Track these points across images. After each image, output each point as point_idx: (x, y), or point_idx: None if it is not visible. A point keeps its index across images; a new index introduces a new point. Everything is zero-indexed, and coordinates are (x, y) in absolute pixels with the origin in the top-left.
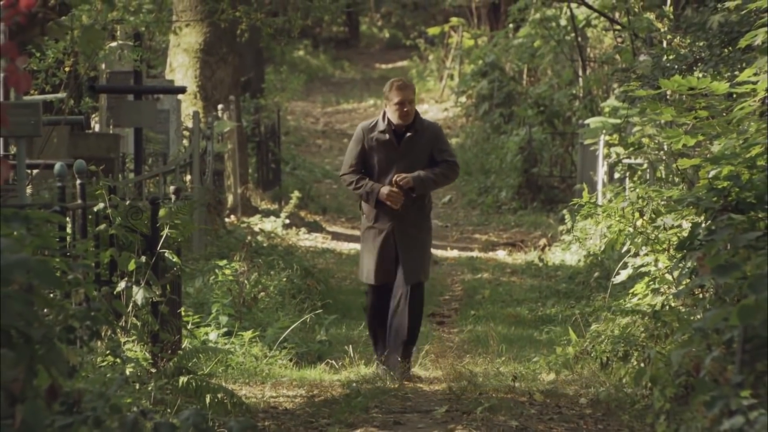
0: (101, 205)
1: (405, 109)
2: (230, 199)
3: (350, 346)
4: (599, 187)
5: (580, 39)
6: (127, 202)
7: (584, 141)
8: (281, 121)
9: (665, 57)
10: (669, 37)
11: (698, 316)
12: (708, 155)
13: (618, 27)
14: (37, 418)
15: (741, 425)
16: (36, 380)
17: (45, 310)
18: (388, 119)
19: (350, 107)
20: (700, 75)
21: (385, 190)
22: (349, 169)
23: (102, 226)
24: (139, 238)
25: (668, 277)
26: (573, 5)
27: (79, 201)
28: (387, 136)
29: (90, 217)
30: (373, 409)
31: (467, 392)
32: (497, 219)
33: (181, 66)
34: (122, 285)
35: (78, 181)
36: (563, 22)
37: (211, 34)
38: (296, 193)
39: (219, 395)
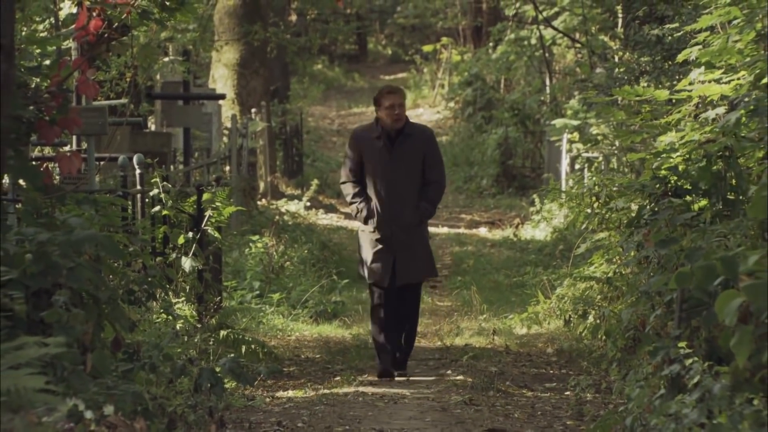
0: (156, 190)
1: (396, 112)
2: (261, 185)
3: (360, 306)
4: (563, 176)
5: (547, 55)
6: (177, 188)
7: (551, 138)
8: (303, 122)
9: (617, 70)
10: (620, 53)
11: (644, 282)
12: (652, 150)
13: (578, 45)
14: (104, 364)
15: (678, 370)
16: (103, 333)
17: (110, 276)
18: (381, 125)
19: (360, 111)
20: (646, 84)
21: (371, 220)
22: (349, 178)
23: (157, 208)
24: (187, 218)
25: (619, 249)
26: (541, 27)
27: (139, 187)
28: (381, 141)
29: (147, 200)
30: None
31: (455, 344)
32: (479, 202)
33: (221, 77)
34: (173, 256)
35: (137, 171)
36: (533, 41)
37: (246, 51)
38: (315, 181)
39: (252, 346)
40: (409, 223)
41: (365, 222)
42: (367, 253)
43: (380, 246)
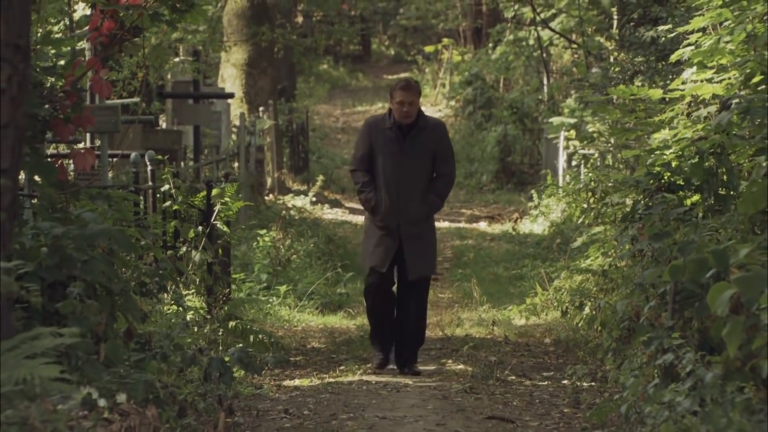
0: (167, 186)
1: (404, 109)
2: (269, 181)
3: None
4: (560, 172)
5: (545, 55)
6: (188, 184)
7: (548, 135)
8: (309, 120)
9: (612, 70)
10: (615, 54)
11: (638, 274)
12: (646, 147)
13: (575, 45)
14: (116, 353)
15: (672, 360)
16: (116, 324)
17: (123, 269)
18: (393, 117)
19: (363, 109)
20: (640, 84)
21: (377, 215)
22: (358, 165)
23: (168, 203)
24: (197, 212)
25: (614, 243)
26: (539, 28)
27: (150, 183)
28: (393, 132)
29: (158, 195)
30: None
31: (456, 334)
32: (479, 197)
33: (230, 77)
34: (184, 249)
35: (149, 168)
36: (531, 41)
37: (254, 51)
38: (321, 177)
39: (260, 336)
40: (416, 215)
41: (373, 212)
42: (371, 241)
43: (385, 233)
